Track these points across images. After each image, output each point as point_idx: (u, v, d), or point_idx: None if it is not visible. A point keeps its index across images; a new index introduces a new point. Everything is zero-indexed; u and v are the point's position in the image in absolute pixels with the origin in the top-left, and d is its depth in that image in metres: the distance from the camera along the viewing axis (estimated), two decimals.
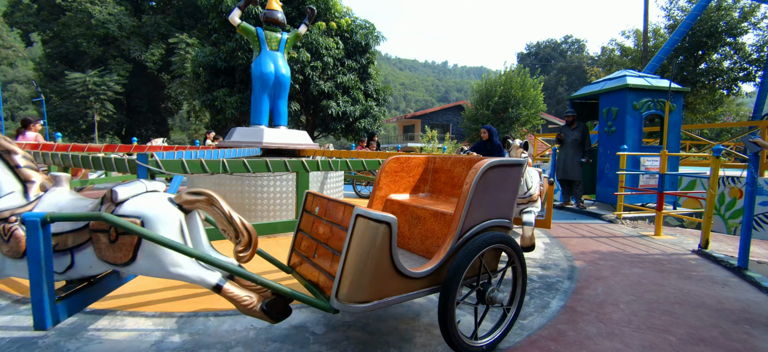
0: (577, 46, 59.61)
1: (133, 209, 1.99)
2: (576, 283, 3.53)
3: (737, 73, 20.56)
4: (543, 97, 27.07)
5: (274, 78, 5.94)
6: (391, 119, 43.04)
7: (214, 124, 15.58)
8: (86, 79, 23.39)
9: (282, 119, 6.15)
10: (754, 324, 2.77)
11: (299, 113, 15.53)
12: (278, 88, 6.08)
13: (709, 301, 3.18)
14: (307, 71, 14.27)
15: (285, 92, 6.18)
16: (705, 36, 19.66)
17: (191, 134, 34.80)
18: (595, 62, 37.82)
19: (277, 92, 6.10)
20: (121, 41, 24.62)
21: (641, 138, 7.29)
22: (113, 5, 25.18)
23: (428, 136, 21.34)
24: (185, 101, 24.88)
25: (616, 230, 5.96)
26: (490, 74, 28.20)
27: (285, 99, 6.22)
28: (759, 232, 5.98)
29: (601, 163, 7.70)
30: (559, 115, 36.41)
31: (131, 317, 2.60)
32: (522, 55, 62.09)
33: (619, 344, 2.44)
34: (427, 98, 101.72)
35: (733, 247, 4.99)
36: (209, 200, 2.08)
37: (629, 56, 23.99)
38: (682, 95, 7.74)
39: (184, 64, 21.87)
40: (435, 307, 2.87)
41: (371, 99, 16.44)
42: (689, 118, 21.64)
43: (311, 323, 2.57)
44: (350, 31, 15.72)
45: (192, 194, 2.09)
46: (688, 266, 4.16)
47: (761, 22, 19.13)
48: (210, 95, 15.00)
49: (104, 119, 25.09)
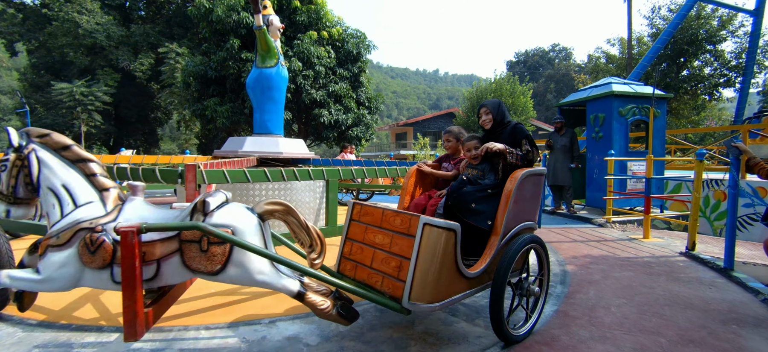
0: (564, 54, 60.68)
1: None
2: (568, 287, 3.57)
3: (718, 79, 21.13)
4: (532, 104, 27.46)
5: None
6: (383, 127, 43.15)
7: (204, 134, 15.47)
8: (73, 89, 23.07)
9: (281, 129, 6.17)
10: (742, 324, 2.83)
11: (291, 122, 15.50)
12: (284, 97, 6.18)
13: (697, 302, 3.24)
14: (299, 80, 14.29)
15: None
16: (686, 44, 20.20)
17: (181, 144, 34.45)
18: (582, 70, 38.54)
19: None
20: (109, 51, 24.38)
21: (628, 143, 7.43)
22: (101, 15, 24.95)
23: (421, 144, 21.44)
24: (175, 111, 24.67)
25: (606, 233, 6.04)
26: (481, 82, 28.57)
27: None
28: (743, 233, 6.12)
29: (590, 168, 7.82)
30: (549, 122, 36.92)
31: (119, 332, 2.54)
32: (511, 63, 62.96)
33: (612, 347, 2.47)
34: (418, 106, 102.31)
35: (719, 248, 5.09)
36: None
37: (614, 63, 24.50)
38: (666, 101, 7.93)
39: (174, 73, 21.73)
40: (427, 315, 2.87)
41: (363, 107, 16.49)
42: (673, 123, 22.11)
43: (305, 334, 2.56)
44: (342, 40, 15.80)
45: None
46: (677, 268, 4.23)
47: (739, 30, 19.75)
48: (200, 105, 14.91)
49: (91, 130, 24.72)
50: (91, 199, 2.11)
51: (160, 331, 2.56)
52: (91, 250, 1.94)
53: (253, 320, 2.72)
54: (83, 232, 1.97)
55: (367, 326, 2.67)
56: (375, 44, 16.73)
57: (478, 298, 3.21)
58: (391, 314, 2.85)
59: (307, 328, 2.63)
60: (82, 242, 1.96)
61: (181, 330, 2.58)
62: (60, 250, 1.97)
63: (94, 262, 1.95)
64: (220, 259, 1.98)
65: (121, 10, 26.84)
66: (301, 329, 2.62)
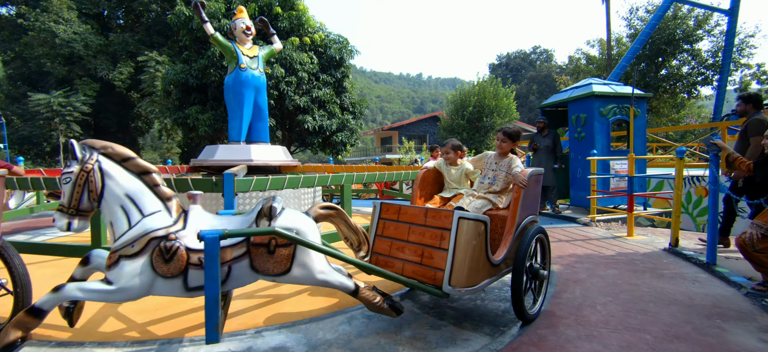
0: (545, 56, 61.80)
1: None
2: (555, 287, 3.57)
3: (696, 77, 21.78)
4: (515, 105, 27.81)
5: (255, 93, 5.75)
6: (368, 132, 43.14)
7: (187, 142, 15.19)
8: (50, 100, 22.39)
9: (264, 136, 5.98)
10: (725, 318, 2.86)
11: (275, 129, 15.33)
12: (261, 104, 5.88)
13: (681, 298, 3.27)
14: (282, 87, 14.16)
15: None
16: (664, 43, 20.78)
17: (163, 153, 33.78)
18: (563, 71, 39.25)
19: (259, 108, 5.89)
20: (88, 60, 23.76)
21: (609, 142, 7.55)
22: (79, 24, 24.33)
23: (406, 148, 21.48)
24: (156, 120, 24.16)
25: (590, 232, 6.11)
26: (464, 85, 28.79)
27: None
28: None
29: (573, 168, 7.92)
30: (532, 123, 37.43)
31: (101, 347, 2.44)
32: (493, 65, 63.81)
33: (598, 345, 2.47)
34: (403, 110, 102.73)
35: (701, 243, 5.18)
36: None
37: (595, 64, 25.04)
38: (646, 100, 8.10)
39: (154, 82, 21.30)
40: (415, 319, 2.84)
41: (348, 112, 16.43)
42: (654, 121, 22.67)
43: (291, 343, 2.49)
44: (324, 45, 15.73)
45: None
46: (660, 264, 4.29)
47: (714, 29, 20.40)
48: (182, 113, 14.63)
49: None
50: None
51: (143, 344, 2.46)
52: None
53: (239, 331, 2.64)
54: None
55: (354, 333, 2.61)
56: (358, 49, 16.71)
57: (464, 301, 3.19)
58: (379, 320, 2.81)
59: (293, 337, 2.56)
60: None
61: (164, 343, 2.48)
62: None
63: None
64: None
65: (99, 19, 26.24)
66: (287, 338, 2.55)
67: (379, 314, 2.88)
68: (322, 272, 2.20)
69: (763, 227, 3.06)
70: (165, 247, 2.00)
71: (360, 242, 2.37)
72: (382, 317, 2.85)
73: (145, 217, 2.10)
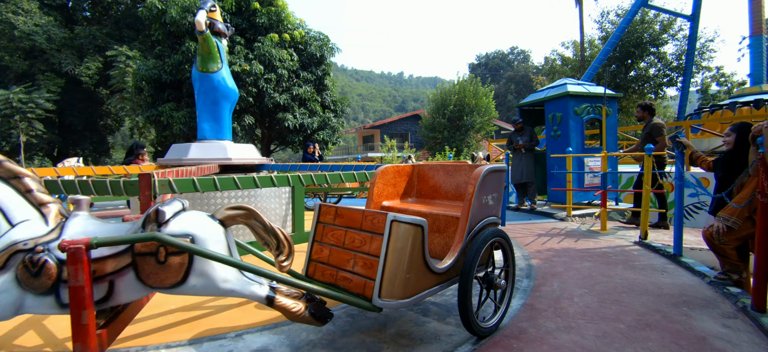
0: (522, 57, 63.14)
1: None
2: (534, 281, 3.67)
3: (662, 79, 22.80)
4: (494, 104, 28.32)
5: (233, 91, 5.81)
6: (350, 130, 42.95)
7: (161, 141, 14.71)
8: (10, 96, 21.16)
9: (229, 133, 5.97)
10: (691, 306, 3.02)
11: (254, 126, 15.04)
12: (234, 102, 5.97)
13: (651, 288, 3.43)
14: (261, 84, 13.91)
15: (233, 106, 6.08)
16: (632, 46, 21.64)
17: None
18: (539, 71, 40.21)
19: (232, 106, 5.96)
20: (51, 54, 22.59)
21: (584, 140, 7.81)
22: (40, 15, 23.08)
23: (388, 146, 21.52)
24: (127, 117, 23.27)
25: (567, 227, 6.30)
26: (445, 84, 29.09)
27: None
28: (690, 221, 6.57)
29: (550, 165, 8.15)
30: (510, 122, 38.22)
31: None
32: (473, 65, 64.76)
33: (576, 336, 2.56)
34: (384, 108, 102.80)
35: (668, 236, 5.44)
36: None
37: (569, 65, 25.81)
38: (617, 100, 8.42)
39: (125, 78, 20.49)
40: (399, 316, 2.86)
41: (329, 110, 16.32)
42: (624, 120, 23.58)
43: (273, 345, 2.46)
44: (304, 42, 15.56)
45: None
46: (632, 256, 4.48)
47: (678, 33, 21.41)
48: (155, 110, 14.16)
49: (32, 140, 22.79)
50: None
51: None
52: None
53: (218, 335, 2.59)
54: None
55: (338, 332, 2.61)
56: (339, 47, 16.62)
57: (449, 297, 3.23)
58: (362, 318, 2.81)
59: (275, 339, 2.53)
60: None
61: (139, 351, 2.40)
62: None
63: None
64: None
65: (63, 11, 24.98)
66: (269, 340, 2.51)
67: (362, 312, 2.89)
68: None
69: (729, 219, 3.25)
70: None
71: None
72: (367, 314, 2.86)
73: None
